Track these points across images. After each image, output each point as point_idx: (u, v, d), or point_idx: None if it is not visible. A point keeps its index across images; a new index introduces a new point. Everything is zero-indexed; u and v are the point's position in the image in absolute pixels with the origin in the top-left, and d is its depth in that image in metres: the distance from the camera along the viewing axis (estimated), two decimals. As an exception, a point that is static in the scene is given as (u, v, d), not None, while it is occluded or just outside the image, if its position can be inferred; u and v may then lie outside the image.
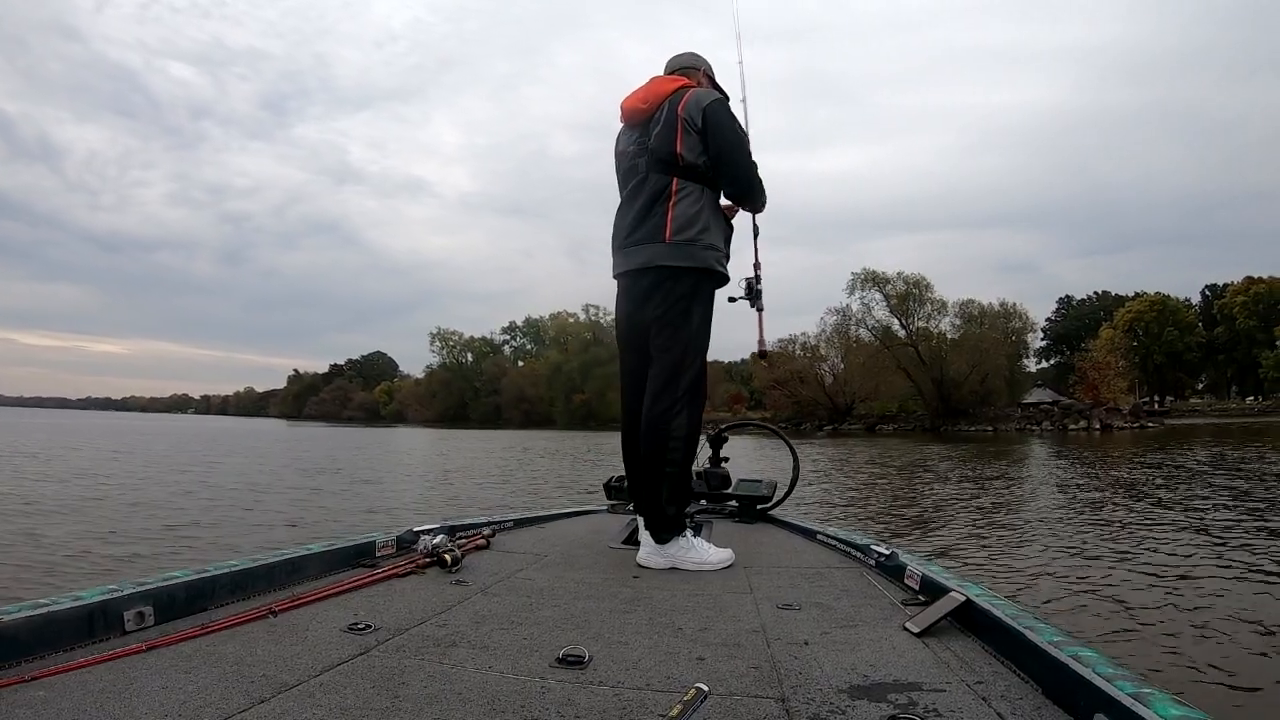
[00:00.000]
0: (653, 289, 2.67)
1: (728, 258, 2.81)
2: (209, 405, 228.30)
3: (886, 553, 2.45)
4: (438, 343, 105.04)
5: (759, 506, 3.64)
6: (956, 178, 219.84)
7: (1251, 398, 79.09)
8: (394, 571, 2.27)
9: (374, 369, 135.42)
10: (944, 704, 1.30)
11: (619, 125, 2.89)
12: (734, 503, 3.72)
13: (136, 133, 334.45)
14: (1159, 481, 12.94)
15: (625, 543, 2.96)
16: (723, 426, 3.94)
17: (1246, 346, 78.24)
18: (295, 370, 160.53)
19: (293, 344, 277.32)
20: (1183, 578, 5.51)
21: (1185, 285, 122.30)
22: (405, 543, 2.64)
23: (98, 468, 14.94)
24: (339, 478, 14.27)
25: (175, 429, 48.30)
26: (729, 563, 2.59)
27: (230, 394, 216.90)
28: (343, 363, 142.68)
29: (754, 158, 2.77)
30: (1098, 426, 48.78)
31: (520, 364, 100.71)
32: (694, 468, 3.49)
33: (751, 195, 2.79)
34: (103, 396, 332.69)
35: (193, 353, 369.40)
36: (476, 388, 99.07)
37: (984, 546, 7.11)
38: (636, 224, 2.69)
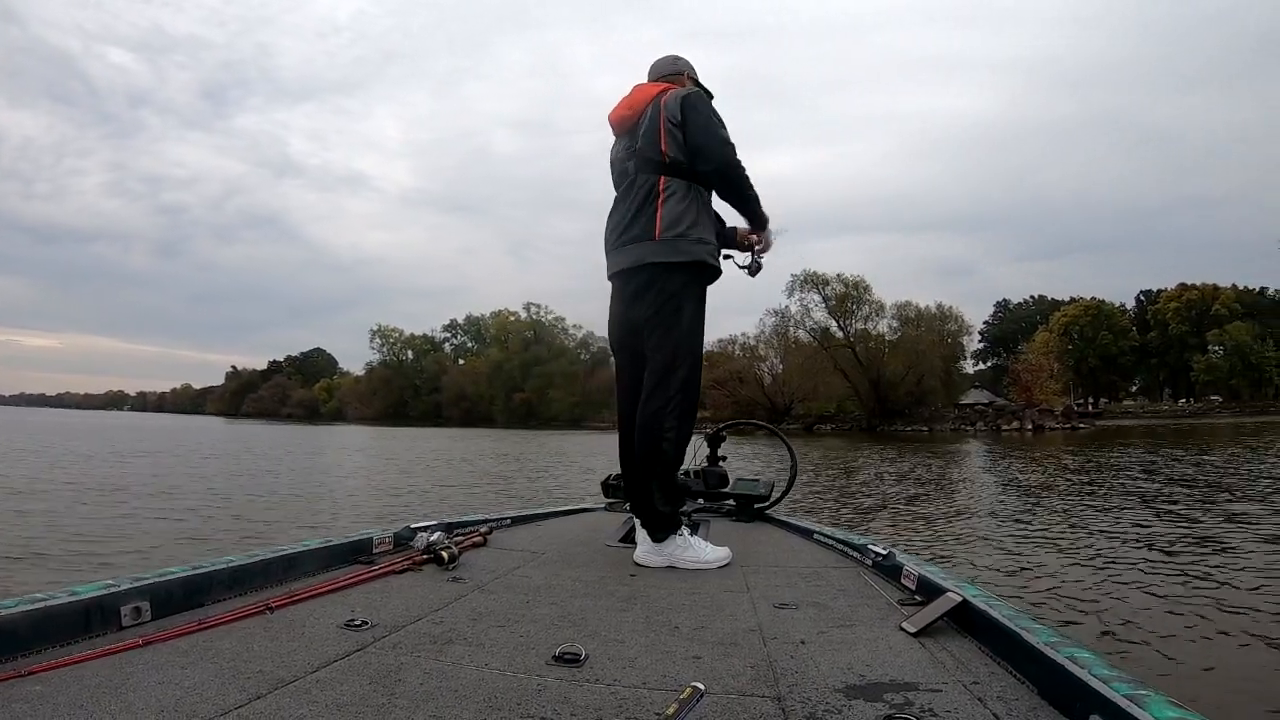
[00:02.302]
0: (644, 288, 2.66)
1: (720, 252, 2.84)
2: (145, 402, 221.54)
3: (883, 552, 2.41)
4: (378, 340, 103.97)
5: (756, 506, 3.61)
6: (898, 182, 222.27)
7: (1183, 400, 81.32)
8: (391, 568, 2.26)
9: (313, 366, 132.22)
10: (940, 704, 1.29)
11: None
12: (731, 502, 3.71)
13: (73, 120, 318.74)
14: (1094, 479, 13.31)
15: (622, 541, 2.94)
16: (721, 426, 3.94)
17: (1179, 351, 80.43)
18: (233, 367, 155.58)
19: (231, 340, 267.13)
20: (1154, 574, 5.56)
21: (1120, 291, 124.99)
22: (402, 539, 2.60)
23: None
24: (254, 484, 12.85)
25: (109, 426, 46.23)
26: (726, 561, 2.57)
27: (167, 391, 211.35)
28: (281, 359, 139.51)
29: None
30: (1030, 427, 49.47)
31: (461, 362, 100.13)
32: (693, 466, 3.66)
33: (729, 177, 2.72)
34: (36, 393, 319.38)
35: (128, 348, 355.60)
36: (417, 385, 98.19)
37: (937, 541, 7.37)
38: (627, 224, 2.69)
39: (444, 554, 2.37)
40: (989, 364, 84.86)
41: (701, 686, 1.30)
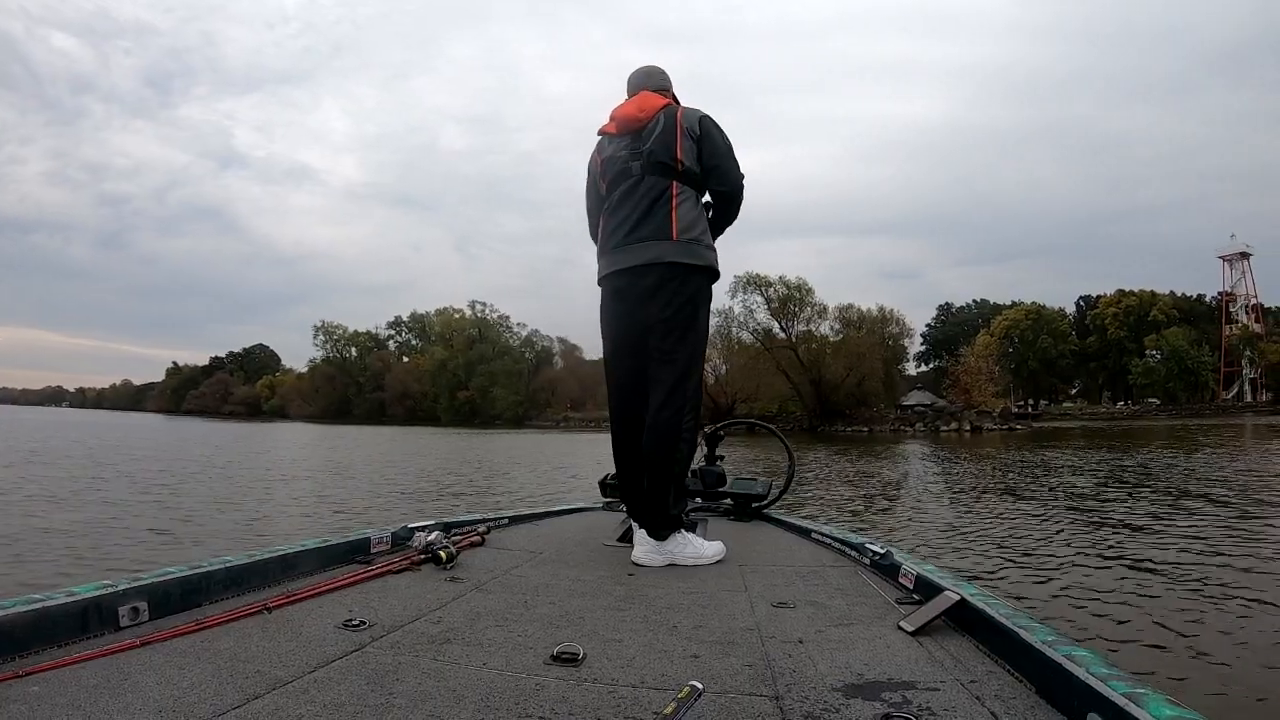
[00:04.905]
0: (657, 288, 2.66)
1: None
2: (84, 398, 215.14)
3: (881, 551, 2.43)
4: (321, 336, 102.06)
5: (754, 505, 3.62)
6: (846, 185, 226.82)
7: (1121, 402, 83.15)
8: (388, 568, 2.26)
9: (256, 362, 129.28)
10: (938, 703, 1.30)
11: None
12: (729, 501, 3.71)
13: (14, 106, 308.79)
14: (1024, 477, 13.89)
15: (620, 540, 2.93)
16: (719, 425, 3.95)
17: (1117, 355, 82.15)
18: (174, 362, 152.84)
19: (172, 335, 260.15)
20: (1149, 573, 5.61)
21: (1060, 296, 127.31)
22: (400, 539, 2.61)
23: None
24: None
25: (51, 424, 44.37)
26: (722, 555, 2.63)
27: (106, 386, 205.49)
28: (223, 355, 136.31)
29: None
30: (968, 428, 50.06)
31: (405, 360, 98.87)
32: (691, 466, 3.53)
33: (736, 201, 2.86)
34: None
35: (67, 342, 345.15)
36: (360, 383, 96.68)
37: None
38: (638, 223, 2.70)
39: (442, 554, 2.37)
40: (931, 366, 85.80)
41: (699, 685, 1.28)
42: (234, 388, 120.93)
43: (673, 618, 1.87)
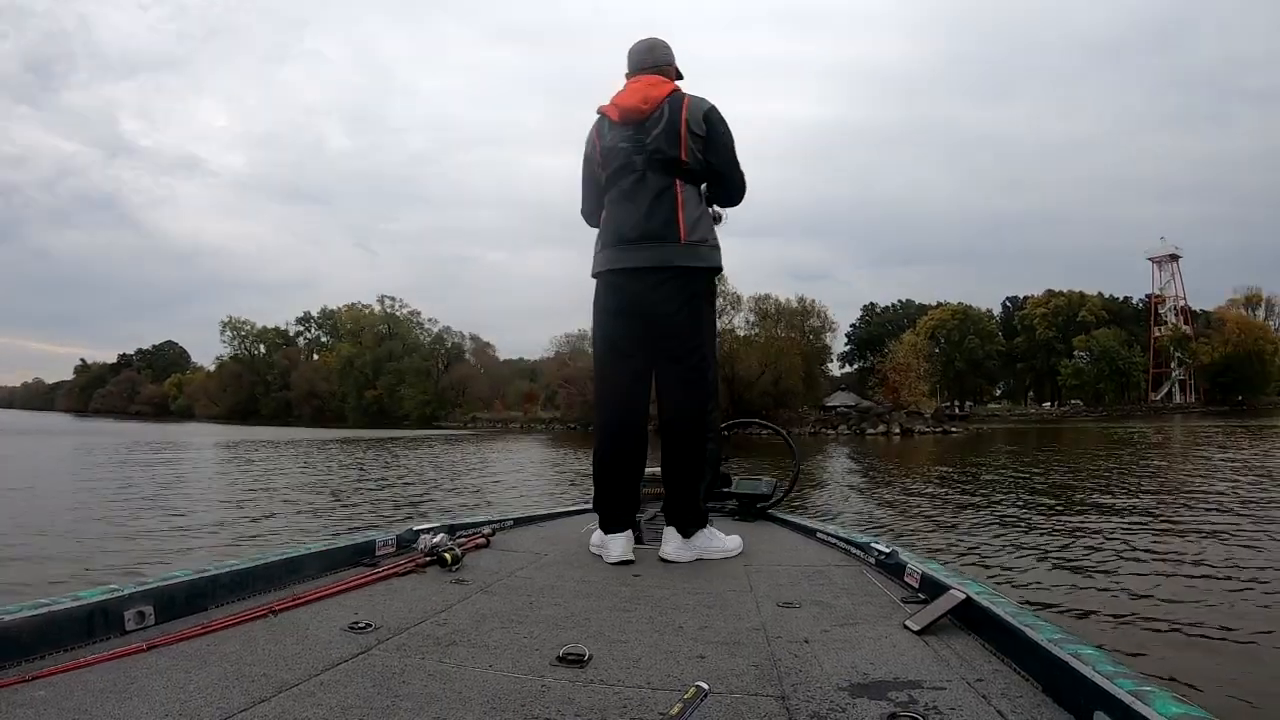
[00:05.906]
0: (662, 285, 2.70)
1: None
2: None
3: (886, 551, 2.44)
4: (229, 332, 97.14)
5: (759, 505, 3.61)
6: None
7: (1049, 403, 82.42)
8: (394, 570, 2.28)
9: (165, 360, 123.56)
10: (944, 702, 1.31)
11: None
12: (734, 501, 3.69)
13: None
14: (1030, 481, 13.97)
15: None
16: (723, 425, 3.86)
17: (1045, 355, 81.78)
18: (82, 360, 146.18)
19: (80, 331, 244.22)
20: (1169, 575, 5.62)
21: (983, 299, 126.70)
22: (405, 541, 2.63)
23: None
24: None
25: None
26: (741, 549, 2.70)
27: (18, 385, 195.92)
28: (132, 353, 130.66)
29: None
30: (897, 431, 47.62)
31: (315, 357, 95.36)
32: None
33: (738, 196, 2.92)
34: None
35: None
36: (268, 381, 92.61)
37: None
38: (644, 222, 2.72)
39: (447, 556, 2.36)
40: (855, 366, 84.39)
41: (706, 686, 1.30)
42: (141, 386, 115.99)
43: (678, 618, 1.86)
